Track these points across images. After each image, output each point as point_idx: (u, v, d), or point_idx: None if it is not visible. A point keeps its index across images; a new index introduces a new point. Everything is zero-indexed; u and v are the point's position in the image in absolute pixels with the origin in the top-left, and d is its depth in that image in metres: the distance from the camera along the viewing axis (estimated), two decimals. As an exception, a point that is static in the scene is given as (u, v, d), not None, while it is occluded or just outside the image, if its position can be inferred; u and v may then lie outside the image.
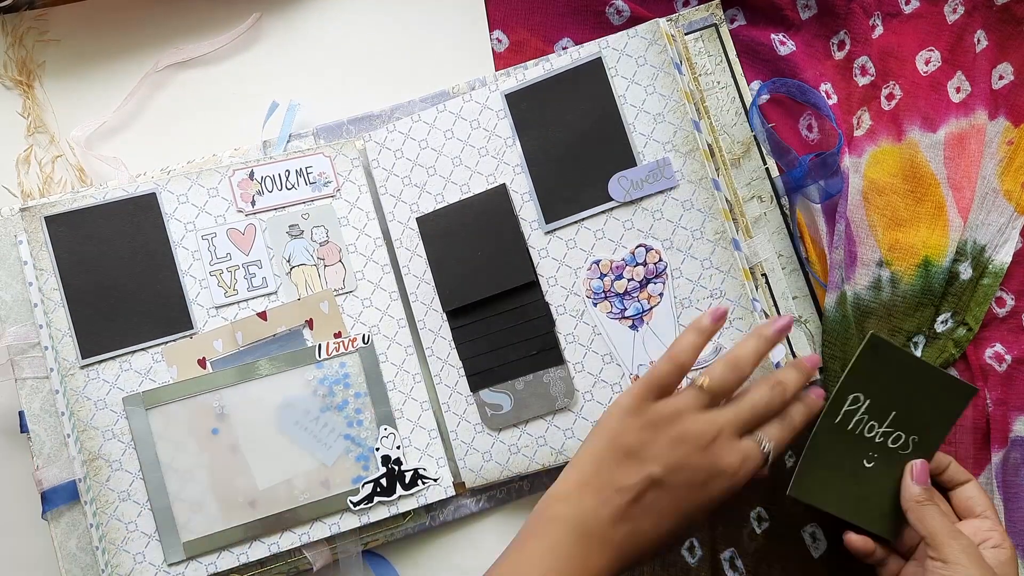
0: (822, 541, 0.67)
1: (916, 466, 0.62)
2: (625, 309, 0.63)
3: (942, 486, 0.64)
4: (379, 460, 0.63)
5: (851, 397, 0.62)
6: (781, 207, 0.68)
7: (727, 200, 0.62)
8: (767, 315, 0.63)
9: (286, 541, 0.62)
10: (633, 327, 0.63)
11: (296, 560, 0.62)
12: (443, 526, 0.65)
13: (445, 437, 0.65)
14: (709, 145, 0.62)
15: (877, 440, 0.63)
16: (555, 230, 0.63)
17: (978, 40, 0.70)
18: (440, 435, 0.65)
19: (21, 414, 0.62)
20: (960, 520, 0.62)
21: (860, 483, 0.62)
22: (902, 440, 0.63)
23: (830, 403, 0.61)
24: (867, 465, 0.62)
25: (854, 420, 0.62)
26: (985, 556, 0.58)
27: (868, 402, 0.62)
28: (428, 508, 0.64)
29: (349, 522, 0.62)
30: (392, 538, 0.64)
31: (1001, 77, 0.71)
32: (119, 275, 0.63)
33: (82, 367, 0.62)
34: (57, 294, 0.62)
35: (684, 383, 0.56)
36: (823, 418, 0.62)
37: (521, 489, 0.65)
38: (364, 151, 0.67)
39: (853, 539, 0.61)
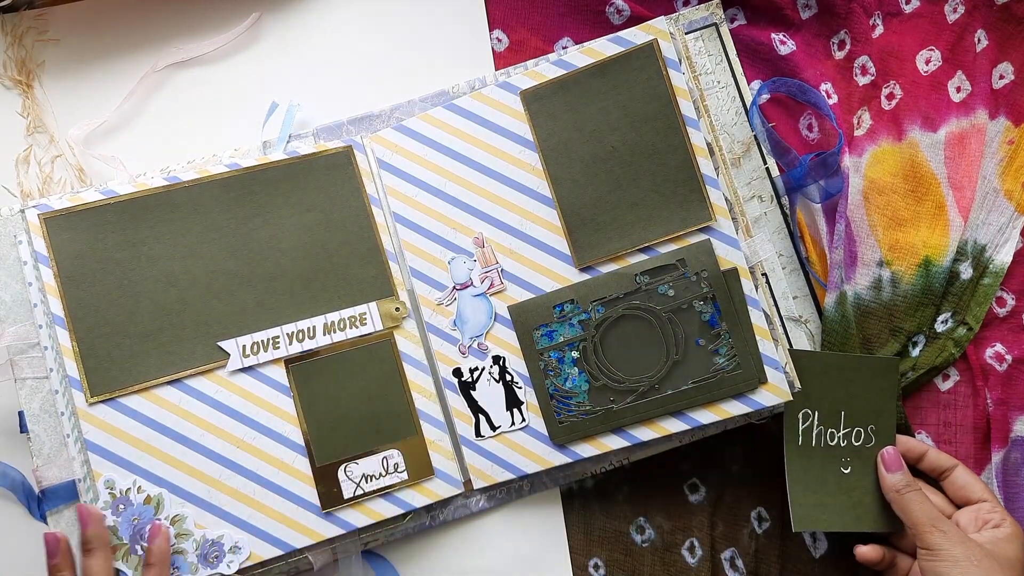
0: (822, 541, 0.67)
1: (884, 456, 0.63)
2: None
3: (930, 477, 0.64)
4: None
5: (800, 415, 0.63)
6: (781, 207, 0.68)
7: (727, 200, 0.62)
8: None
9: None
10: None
11: (296, 560, 0.62)
12: (443, 526, 0.65)
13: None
14: (709, 144, 0.62)
15: (843, 445, 0.64)
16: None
17: (978, 40, 0.70)
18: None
19: (21, 414, 0.62)
20: (960, 508, 0.62)
21: (848, 492, 0.63)
22: (863, 434, 0.64)
23: (787, 430, 0.62)
24: (846, 472, 0.63)
25: (813, 435, 0.63)
26: (984, 537, 0.59)
27: (817, 413, 0.63)
28: (428, 508, 0.64)
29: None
30: (392, 538, 0.64)
31: (1001, 77, 0.71)
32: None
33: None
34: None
35: None
36: (787, 446, 0.63)
37: (521, 489, 0.65)
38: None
39: (863, 551, 0.62)
